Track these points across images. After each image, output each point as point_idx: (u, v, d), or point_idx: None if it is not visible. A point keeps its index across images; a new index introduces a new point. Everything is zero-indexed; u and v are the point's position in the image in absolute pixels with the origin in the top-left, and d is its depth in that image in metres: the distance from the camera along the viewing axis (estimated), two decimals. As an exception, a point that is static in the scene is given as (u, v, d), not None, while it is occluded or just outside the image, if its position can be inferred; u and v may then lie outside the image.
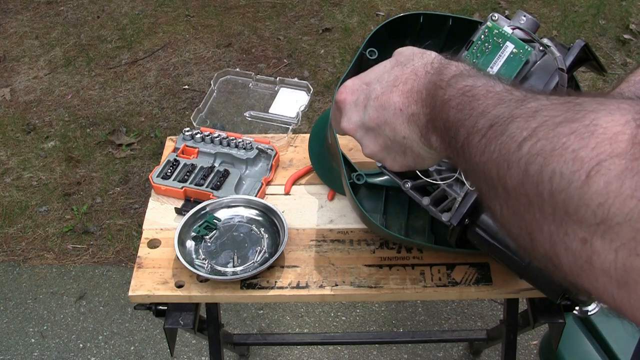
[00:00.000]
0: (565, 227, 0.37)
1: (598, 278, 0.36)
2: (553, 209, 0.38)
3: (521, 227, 0.42)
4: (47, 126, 2.56)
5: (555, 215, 0.38)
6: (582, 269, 0.37)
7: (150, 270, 0.99)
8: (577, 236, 0.37)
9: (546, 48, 0.82)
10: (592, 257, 0.36)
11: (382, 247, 1.00)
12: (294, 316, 1.87)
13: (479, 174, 0.47)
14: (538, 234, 0.40)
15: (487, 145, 0.45)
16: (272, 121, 1.24)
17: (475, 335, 1.64)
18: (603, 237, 0.35)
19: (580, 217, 0.36)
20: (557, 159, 0.37)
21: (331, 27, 2.97)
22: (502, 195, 0.43)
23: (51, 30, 3.07)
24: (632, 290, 0.34)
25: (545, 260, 0.41)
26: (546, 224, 0.39)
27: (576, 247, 0.37)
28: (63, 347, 1.84)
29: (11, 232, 2.16)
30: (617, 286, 0.35)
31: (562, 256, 0.38)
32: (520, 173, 0.40)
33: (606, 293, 0.37)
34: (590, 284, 0.37)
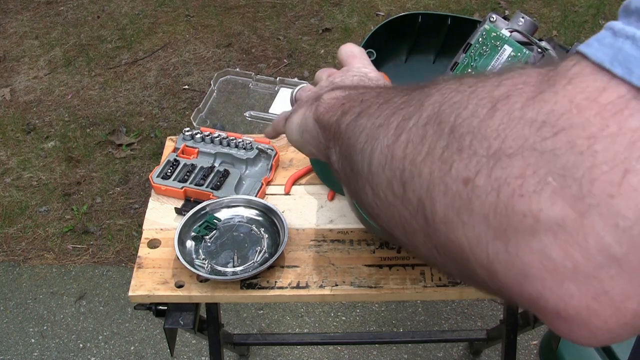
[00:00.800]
0: (451, 164, 0.33)
1: (475, 227, 0.31)
2: (446, 145, 0.34)
3: (394, 168, 0.37)
4: (47, 126, 2.56)
5: (446, 151, 0.33)
6: (458, 215, 0.32)
7: (150, 270, 0.99)
8: (461, 175, 0.32)
9: (544, 51, 0.82)
10: (472, 199, 0.31)
11: (382, 247, 1.00)
12: (294, 316, 1.87)
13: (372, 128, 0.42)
14: (415, 176, 0.35)
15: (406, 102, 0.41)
16: (272, 121, 1.24)
17: (475, 335, 1.64)
18: (488, 174, 0.31)
19: (472, 151, 0.32)
20: (469, 94, 0.34)
21: (331, 27, 2.97)
22: (389, 141, 0.39)
23: (51, 30, 3.07)
24: (508, 239, 0.30)
25: (416, 214, 0.35)
26: (429, 163, 0.34)
27: (457, 188, 0.32)
28: (63, 347, 1.84)
29: (11, 232, 2.16)
30: (493, 236, 0.31)
31: (437, 202, 0.33)
32: (432, 111, 0.36)
33: (479, 247, 0.32)
34: (465, 237, 0.32)
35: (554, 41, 0.85)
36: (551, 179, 0.29)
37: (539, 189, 0.29)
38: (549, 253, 0.29)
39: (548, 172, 0.29)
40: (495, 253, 0.31)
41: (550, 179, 0.29)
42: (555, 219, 0.28)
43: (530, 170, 0.29)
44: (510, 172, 0.30)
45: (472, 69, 0.83)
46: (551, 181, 0.29)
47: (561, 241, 0.28)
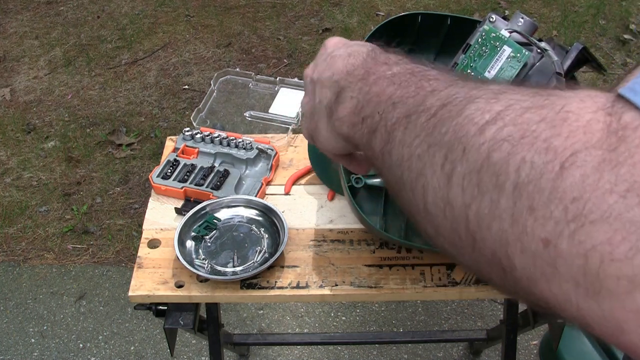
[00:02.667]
0: (524, 224, 0.32)
1: (562, 285, 0.32)
2: (514, 203, 0.33)
3: (456, 216, 0.37)
4: (47, 126, 2.56)
5: (515, 210, 0.33)
6: (541, 274, 0.32)
7: (150, 270, 0.99)
8: (538, 235, 0.32)
9: (544, 52, 0.82)
10: (557, 261, 0.31)
11: (382, 247, 1.00)
12: (294, 316, 1.87)
13: (412, 160, 0.41)
14: (484, 230, 0.35)
15: (436, 126, 0.39)
16: (272, 121, 1.24)
17: (475, 335, 1.64)
18: (571, 238, 0.31)
19: (547, 214, 0.31)
20: (527, 147, 0.33)
21: (331, 27, 2.97)
22: (441, 184, 0.38)
23: (51, 30, 3.07)
24: (601, 299, 0.30)
25: (492, 263, 0.35)
26: (498, 220, 0.34)
27: (536, 248, 0.32)
28: (63, 347, 1.84)
29: (11, 232, 2.16)
30: (584, 295, 0.31)
31: (516, 259, 0.33)
32: (480, 159, 0.35)
33: (568, 303, 0.32)
34: (550, 292, 0.33)
35: (553, 41, 0.85)
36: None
37: (632, 254, 0.29)
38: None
39: (638, 238, 0.29)
40: (588, 309, 0.31)
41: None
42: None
43: (619, 237, 0.29)
44: (597, 238, 0.30)
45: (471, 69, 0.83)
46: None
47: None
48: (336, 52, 0.59)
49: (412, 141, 0.41)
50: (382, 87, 0.48)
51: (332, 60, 0.57)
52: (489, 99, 0.37)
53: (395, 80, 0.47)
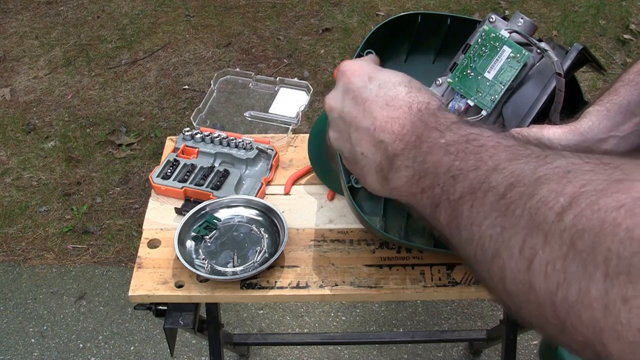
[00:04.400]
0: (617, 315, 0.32)
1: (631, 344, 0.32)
2: (605, 292, 0.33)
3: (547, 308, 0.36)
4: (47, 126, 2.56)
5: (608, 299, 0.33)
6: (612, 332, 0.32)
7: (150, 270, 0.99)
8: (635, 326, 0.32)
9: (544, 52, 0.82)
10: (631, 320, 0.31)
11: (382, 247, 1.00)
12: (294, 316, 1.87)
13: (484, 240, 0.40)
14: (575, 319, 0.34)
15: (508, 209, 0.39)
16: (272, 121, 1.24)
17: (475, 335, 1.64)
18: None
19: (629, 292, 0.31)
20: (611, 237, 0.33)
21: (331, 27, 2.97)
22: (521, 268, 0.37)
23: (51, 30, 3.07)
24: None
25: (585, 346, 0.35)
26: (589, 309, 0.33)
27: (634, 338, 0.32)
28: (63, 347, 1.84)
29: (11, 232, 2.16)
30: None
31: (611, 347, 0.33)
32: (564, 247, 0.35)
33: None
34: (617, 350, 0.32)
35: (553, 41, 0.85)
36: None
37: None
38: None
39: None
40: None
41: None
42: None
43: None
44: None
45: (471, 69, 0.83)
46: None
47: None
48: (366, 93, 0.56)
49: (483, 221, 0.41)
50: (438, 157, 0.47)
51: (367, 105, 0.55)
52: (560, 179, 0.37)
53: (452, 150, 0.46)
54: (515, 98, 0.84)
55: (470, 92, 0.82)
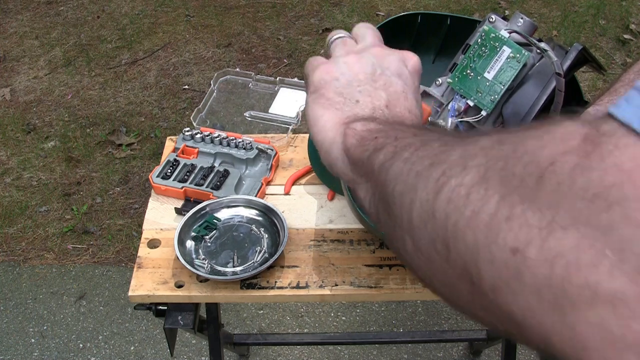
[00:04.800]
0: (497, 232, 0.33)
1: (527, 298, 0.32)
2: (495, 212, 0.33)
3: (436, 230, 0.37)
4: (47, 126, 2.56)
5: (493, 219, 0.33)
6: (507, 286, 0.32)
7: (150, 270, 0.99)
8: (509, 244, 0.32)
9: (543, 52, 0.82)
10: (522, 271, 0.31)
11: (382, 247, 1.00)
12: (294, 316, 1.87)
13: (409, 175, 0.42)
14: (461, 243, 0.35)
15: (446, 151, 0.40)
16: (272, 121, 1.24)
17: (475, 335, 1.64)
18: (540, 246, 0.30)
19: (523, 221, 0.32)
20: (515, 161, 0.34)
21: (331, 27, 2.97)
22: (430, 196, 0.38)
23: (51, 30, 3.07)
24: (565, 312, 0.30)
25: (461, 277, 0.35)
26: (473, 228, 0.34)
27: (505, 257, 0.31)
28: (63, 347, 1.84)
29: (11, 232, 2.16)
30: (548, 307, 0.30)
31: (484, 269, 0.33)
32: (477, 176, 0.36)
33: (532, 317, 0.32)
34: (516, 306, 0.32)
35: (553, 41, 0.85)
36: (609, 252, 0.28)
37: (597, 262, 0.29)
38: (608, 326, 0.29)
39: (605, 245, 0.28)
40: (551, 324, 0.31)
41: (609, 253, 0.28)
42: (614, 292, 0.28)
43: (586, 244, 0.29)
44: (564, 245, 0.30)
45: (471, 70, 0.83)
46: (609, 255, 0.28)
47: (620, 314, 0.28)
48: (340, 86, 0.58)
49: (417, 160, 0.42)
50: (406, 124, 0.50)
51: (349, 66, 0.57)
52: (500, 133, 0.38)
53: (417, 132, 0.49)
54: (515, 98, 0.84)
55: (470, 92, 0.82)
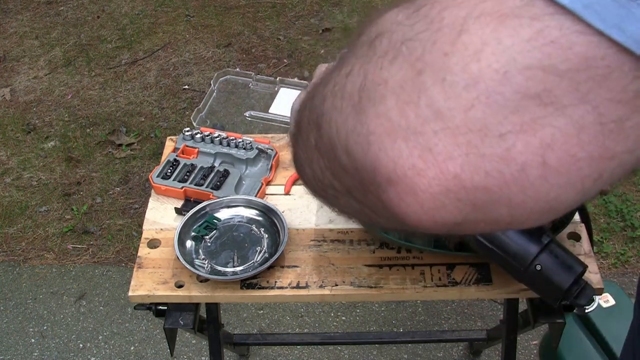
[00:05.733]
0: (342, 65, 0.34)
1: (343, 110, 0.32)
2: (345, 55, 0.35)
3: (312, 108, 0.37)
4: (47, 126, 2.56)
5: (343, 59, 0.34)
6: (334, 107, 0.33)
7: (150, 270, 0.99)
8: (346, 70, 0.33)
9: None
10: (346, 85, 0.32)
11: (382, 247, 1.00)
12: (294, 316, 1.87)
13: None
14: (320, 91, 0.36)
15: None
16: (272, 121, 1.24)
17: (475, 335, 1.64)
18: (363, 61, 0.32)
19: (358, 46, 0.33)
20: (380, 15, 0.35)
21: (331, 27, 2.97)
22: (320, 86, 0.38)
23: (51, 30, 3.07)
24: (362, 111, 0.30)
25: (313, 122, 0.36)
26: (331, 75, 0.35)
27: (341, 81, 0.33)
28: (63, 347, 1.84)
29: (11, 232, 2.16)
30: (353, 111, 0.31)
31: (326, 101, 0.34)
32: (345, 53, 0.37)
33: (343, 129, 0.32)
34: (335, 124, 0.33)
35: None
36: (404, 47, 0.30)
37: (394, 58, 0.30)
38: (389, 114, 0.29)
39: (403, 42, 0.30)
40: (352, 128, 0.31)
41: (404, 48, 0.30)
42: (399, 82, 0.29)
43: (392, 45, 0.30)
44: (377, 51, 0.31)
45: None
46: (404, 49, 0.30)
47: (400, 101, 0.29)
48: None
49: None
50: None
51: None
52: None
53: None
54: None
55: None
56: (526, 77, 0.27)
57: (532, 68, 0.26)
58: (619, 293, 1.33)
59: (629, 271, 1.92)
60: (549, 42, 0.26)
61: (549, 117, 0.27)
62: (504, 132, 0.27)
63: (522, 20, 0.27)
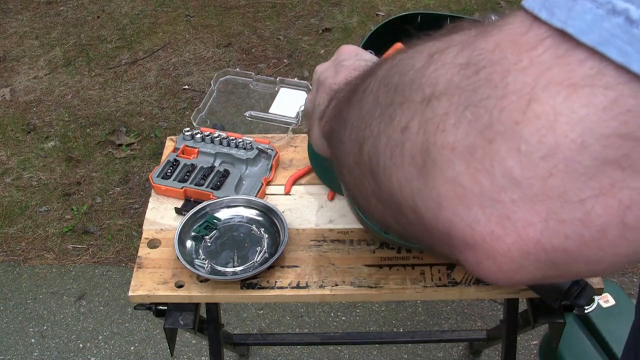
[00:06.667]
0: (393, 117, 0.34)
1: (404, 169, 0.33)
2: (391, 101, 0.35)
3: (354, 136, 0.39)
4: (47, 126, 2.56)
5: (390, 107, 0.35)
6: (393, 163, 0.34)
7: (150, 270, 0.99)
8: (400, 125, 0.33)
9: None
10: (404, 143, 0.33)
11: (382, 247, 1.00)
12: (294, 316, 1.87)
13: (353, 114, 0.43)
14: (368, 137, 0.36)
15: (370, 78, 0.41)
16: (272, 121, 1.24)
17: (475, 335, 1.64)
18: (420, 118, 0.32)
19: (410, 101, 0.33)
20: (414, 53, 0.35)
21: (331, 27, 2.97)
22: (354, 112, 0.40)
23: (51, 30, 3.07)
24: (428, 173, 0.31)
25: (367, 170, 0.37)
26: (378, 121, 0.36)
27: (396, 137, 0.34)
28: (63, 347, 1.84)
29: (11, 232, 2.16)
30: (417, 173, 0.32)
31: (381, 153, 0.35)
32: (382, 76, 0.38)
33: (407, 187, 0.33)
34: (397, 180, 0.33)
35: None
36: (468, 112, 0.30)
37: (458, 122, 0.30)
38: (460, 180, 0.30)
39: (467, 106, 0.30)
40: (418, 189, 0.32)
41: (468, 113, 0.30)
42: (467, 148, 0.30)
43: (453, 108, 0.31)
44: (437, 112, 0.31)
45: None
46: (468, 115, 0.30)
47: (471, 168, 0.30)
48: (346, 61, 0.62)
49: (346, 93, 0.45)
50: None
51: (339, 68, 0.60)
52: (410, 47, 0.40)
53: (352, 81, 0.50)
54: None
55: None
56: (604, 145, 0.27)
57: (610, 136, 0.27)
58: (619, 293, 1.33)
59: (629, 271, 1.92)
60: (625, 110, 0.27)
61: (627, 180, 0.27)
62: (583, 197, 0.28)
63: (594, 89, 0.27)
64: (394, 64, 0.37)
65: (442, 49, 0.33)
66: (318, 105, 0.60)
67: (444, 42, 0.34)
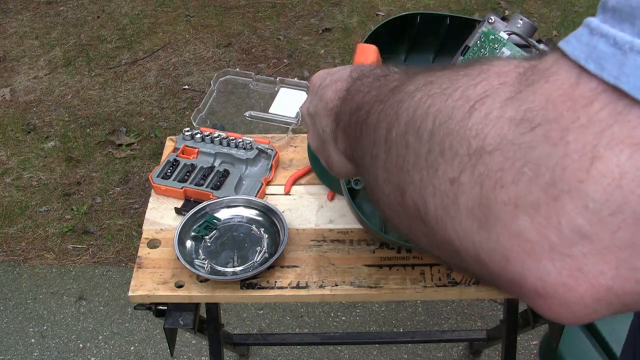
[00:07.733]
0: (436, 168, 0.35)
1: (462, 221, 0.33)
2: (429, 150, 0.35)
3: (393, 181, 0.39)
4: (47, 126, 2.56)
5: (430, 155, 0.35)
6: (447, 214, 0.34)
7: (150, 270, 0.99)
8: (447, 175, 0.34)
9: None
10: (458, 196, 0.33)
11: (382, 247, 1.00)
12: (294, 316, 1.87)
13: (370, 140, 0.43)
14: (409, 184, 0.37)
15: (385, 107, 0.42)
16: (272, 121, 1.24)
17: (475, 335, 1.64)
18: (472, 172, 0.33)
19: (454, 152, 0.34)
20: (445, 98, 0.35)
21: (331, 27, 2.97)
22: (382, 152, 0.40)
23: (51, 30, 3.07)
24: (491, 228, 0.32)
25: (414, 216, 0.37)
26: (418, 169, 0.36)
27: (445, 188, 0.34)
28: (63, 347, 1.84)
29: (11, 232, 2.16)
30: (478, 226, 0.33)
31: (429, 203, 0.35)
32: (408, 119, 0.38)
33: (466, 239, 0.34)
34: (454, 231, 0.34)
35: (553, 42, 0.85)
36: (527, 169, 0.31)
37: (517, 179, 0.31)
38: (527, 236, 0.31)
39: (524, 163, 0.31)
40: (480, 242, 0.33)
41: (527, 170, 0.31)
42: (531, 204, 0.30)
43: (509, 164, 0.31)
44: (491, 167, 0.32)
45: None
46: (527, 171, 0.31)
47: (537, 224, 0.30)
48: (324, 83, 0.61)
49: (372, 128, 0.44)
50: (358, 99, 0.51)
51: (322, 91, 0.60)
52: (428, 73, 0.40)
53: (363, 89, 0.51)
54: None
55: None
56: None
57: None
58: (619, 293, 1.33)
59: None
60: None
61: None
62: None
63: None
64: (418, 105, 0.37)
65: (481, 96, 0.34)
66: (323, 131, 0.59)
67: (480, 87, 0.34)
